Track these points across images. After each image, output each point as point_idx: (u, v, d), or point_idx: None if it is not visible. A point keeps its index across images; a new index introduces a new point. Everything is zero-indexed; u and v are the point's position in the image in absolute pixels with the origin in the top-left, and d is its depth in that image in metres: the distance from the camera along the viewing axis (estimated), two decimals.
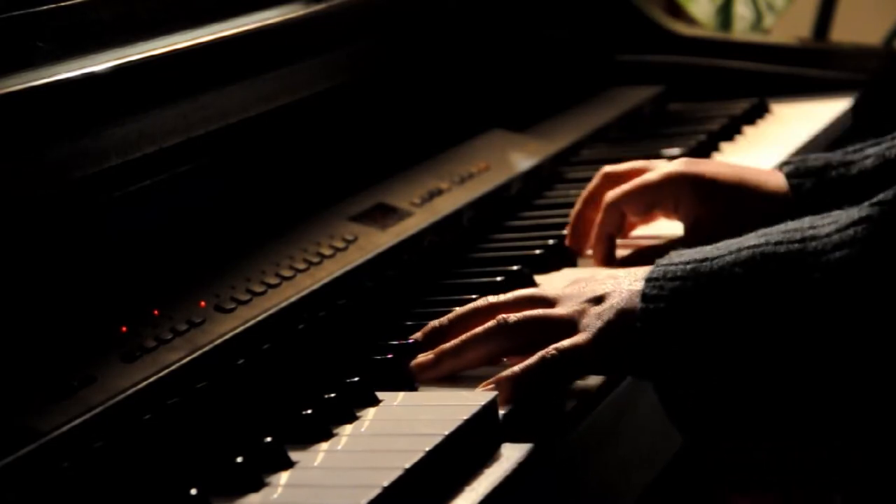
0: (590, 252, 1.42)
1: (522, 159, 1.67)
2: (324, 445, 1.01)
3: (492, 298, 1.15)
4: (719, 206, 1.36)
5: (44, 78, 1.13)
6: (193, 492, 0.92)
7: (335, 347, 1.20)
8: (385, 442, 1.01)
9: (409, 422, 1.04)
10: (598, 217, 1.40)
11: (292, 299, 1.22)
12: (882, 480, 1.04)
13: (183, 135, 1.27)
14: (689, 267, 1.05)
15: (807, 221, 1.04)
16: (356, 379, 1.08)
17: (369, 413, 1.06)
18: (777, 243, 1.02)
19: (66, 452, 0.98)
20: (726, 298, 1.03)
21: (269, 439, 0.98)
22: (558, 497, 1.07)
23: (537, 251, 1.39)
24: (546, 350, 1.07)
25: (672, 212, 1.39)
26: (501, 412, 1.05)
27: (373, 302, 1.31)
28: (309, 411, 1.03)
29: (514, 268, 1.33)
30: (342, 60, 1.52)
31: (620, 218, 1.39)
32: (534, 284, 1.33)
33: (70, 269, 1.16)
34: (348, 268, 1.30)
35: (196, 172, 1.31)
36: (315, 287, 1.25)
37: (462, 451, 1.00)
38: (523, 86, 1.91)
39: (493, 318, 1.12)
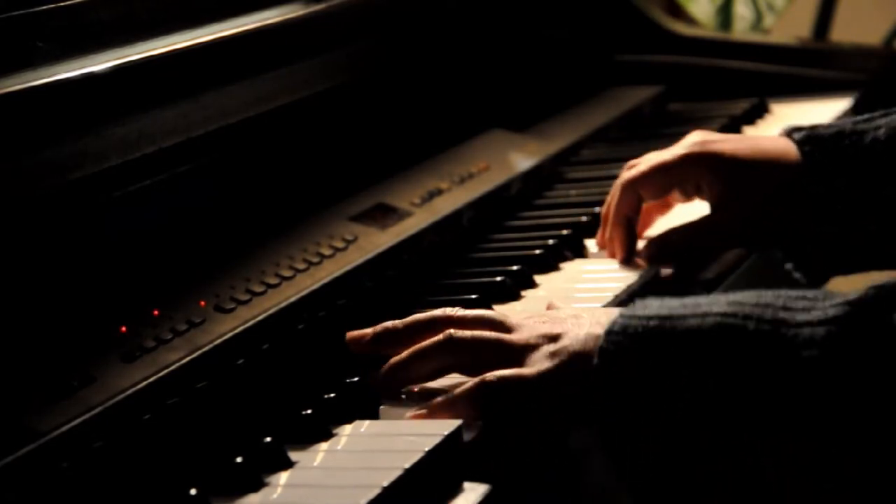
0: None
1: (522, 159, 1.67)
2: (323, 445, 1.01)
3: (451, 311, 1.11)
4: (739, 181, 1.34)
5: (44, 78, 1.13)
6: (193, 492, 0.92)
7: (335, 347, 1.20)
8: (385, 442, 1.01)
9: (409, 421, 1.04)
10: (614, 200, 1.38)
11: (292, 299, 1.22)
12: None
13: (183, 135, 1.27)
14: (651, 324, 1.01)
15: (781, 299, 0.99)
16: (356, 379, 1.08)
17: None
18: (746, 317, 0.98)
19: (65, 452, 0.98)
20: (684, 366, 0.99)
21: (268, 439, 0.98)
22: (558, 497, 1.07)
23: (537, 251, 1.39)
24: (486, 376, 1.04)
25: (693, 192, 1.38)
26: None
27: (373, 302, 1.30)
28: (309, 411, 1.03)
29: (515, 268, 1.33)
30: (342, 60, 1.52)
31: (637, 200, 1.38)
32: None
33: (70, 269, 1.15)
34: (348, 268, 1.30)
35: (196, 172, 1.31)
36: (315, 287, 1.25)
37: (462, 451, 1.00)
38: (523, 86, 1.91)
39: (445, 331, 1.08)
